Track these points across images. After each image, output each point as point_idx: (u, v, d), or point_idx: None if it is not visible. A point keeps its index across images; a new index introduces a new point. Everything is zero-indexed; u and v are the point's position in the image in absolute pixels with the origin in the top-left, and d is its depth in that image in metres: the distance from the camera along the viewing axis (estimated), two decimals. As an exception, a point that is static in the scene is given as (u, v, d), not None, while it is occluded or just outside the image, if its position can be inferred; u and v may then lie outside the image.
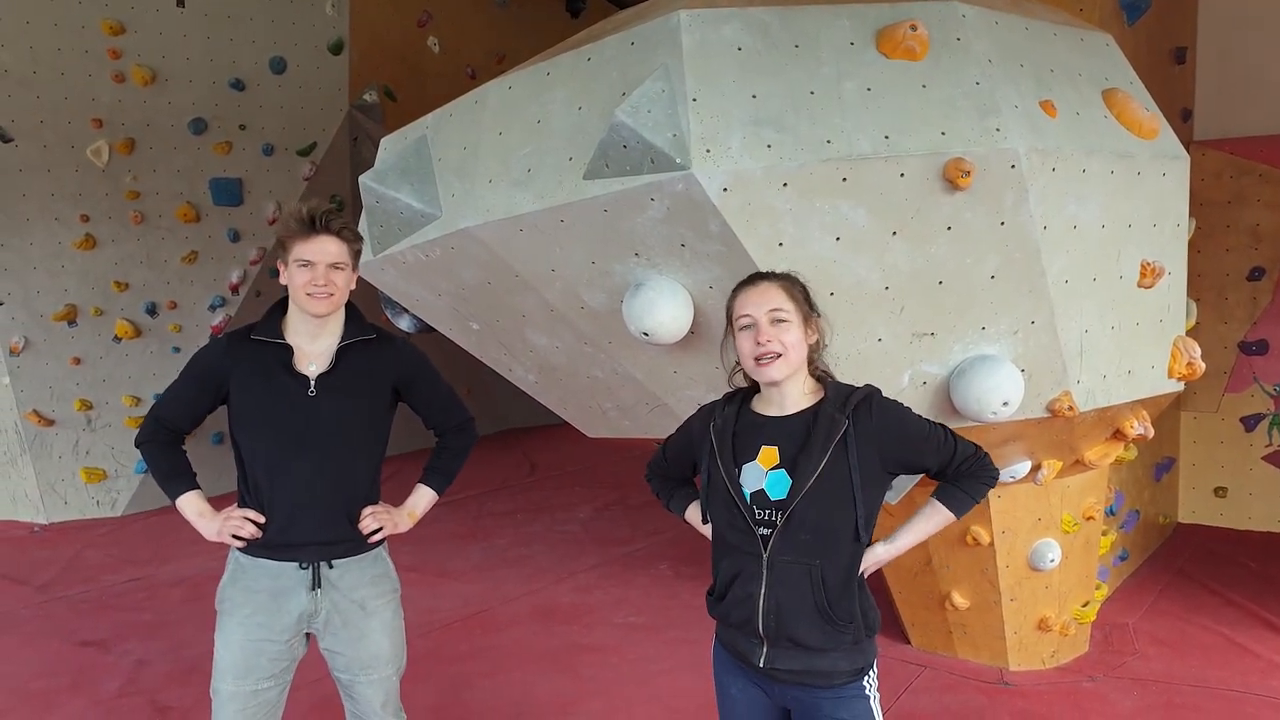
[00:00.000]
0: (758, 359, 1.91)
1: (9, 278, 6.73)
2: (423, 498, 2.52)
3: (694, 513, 2.19)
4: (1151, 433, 3.57)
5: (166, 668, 4.20)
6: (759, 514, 1.90)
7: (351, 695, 2.45)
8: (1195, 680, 3.83)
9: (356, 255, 2.35)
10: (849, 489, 1.87)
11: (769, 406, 1.99)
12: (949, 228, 2.84)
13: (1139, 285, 3.27)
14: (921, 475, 3.31)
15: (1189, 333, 3.59)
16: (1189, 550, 5.60)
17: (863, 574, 1.96)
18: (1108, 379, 3.26)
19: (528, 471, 8.66)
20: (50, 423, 6.94)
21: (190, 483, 2.39)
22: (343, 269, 2.30)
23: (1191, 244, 3.65)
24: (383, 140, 3.84)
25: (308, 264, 2.25)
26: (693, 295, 3.00)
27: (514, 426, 10.54)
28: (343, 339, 2.36)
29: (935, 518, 2.03)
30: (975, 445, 2.00)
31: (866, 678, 1.96)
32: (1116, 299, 3.21)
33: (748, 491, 1.92)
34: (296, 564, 2.32)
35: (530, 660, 4.22)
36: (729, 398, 2.06)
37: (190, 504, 2.37)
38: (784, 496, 1.87)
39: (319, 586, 2.33)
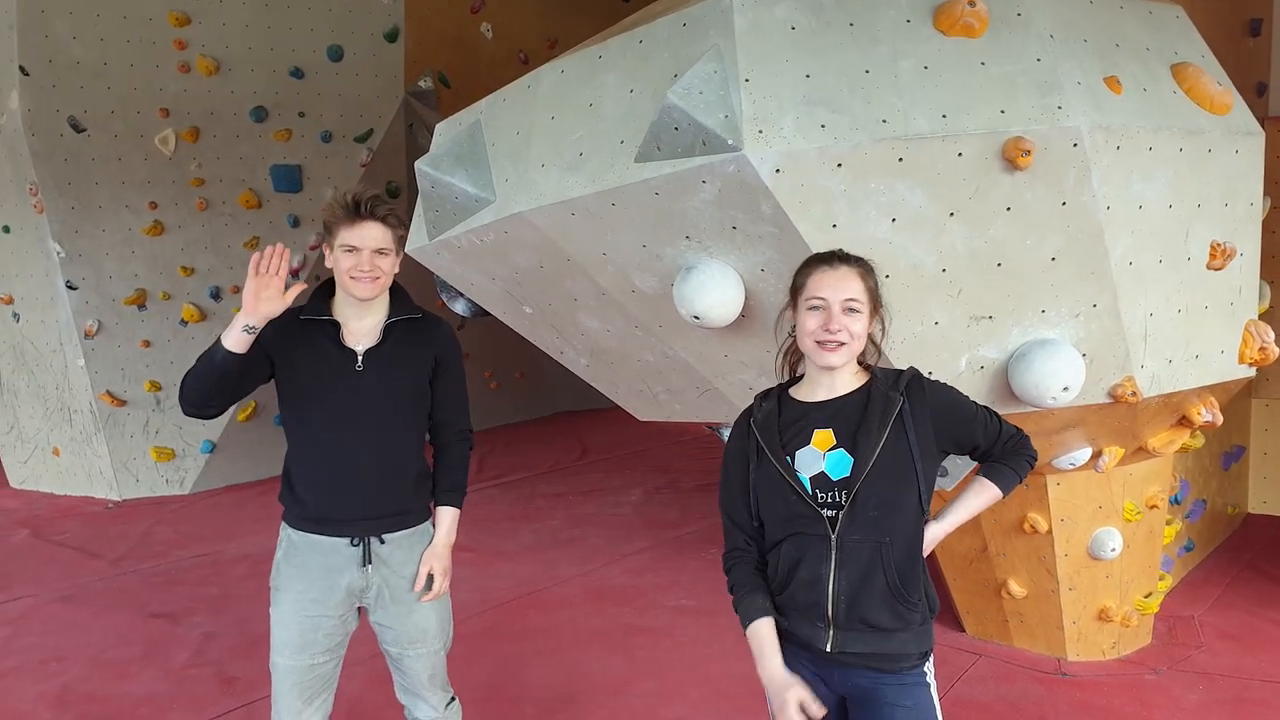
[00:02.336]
0: (821, 342, 1.89)
1: (83, 263, 6.96)
2: (450, 521, 2.51)
3: (768, 634, 1.93)
4: (1220, 420, 3.47)
5: (232, 640, 4.33)
6: (821, 496, 1.88)
7: (400, 668, 2.50)
8: (1265, 675, 3.72)
9: (401, 240, 2.38)
10: (910, 463, 1.88)
11: (815, 392, 1.96)
12: (1008, 208, 2.78)
13: (1208, 267, 3.16)
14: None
15: (1262, 316, 3.46)
16: (1259, 542, 5.43)
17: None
18: (1174, 364, 3.17)
19: (579, 454, 8.72)
20: (122, 403, 7.18)
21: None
22: (387, 254, 2.32)
23: (1266, 224, 3.52)
24: (437, 126, 3.88)
25: (353, 249, 2.28)
26: (744, 278, 2.98)
27: (565, 409, 10.63)
28: (389, 317, 2.40)
29: (984, 494, 2.05)
30: (1016, 426, 2.04)
31: (928, 663, 1.96)
32: (1184, 281, 3.12)
33: (806, 476, 1.89)
34: (347, 540, 2.36)
35: (583, 640, 4.26)
36: (764, 396, 2.04)
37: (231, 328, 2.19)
38: (847, 475, 1.86)
39: (370, 563, 2.37)
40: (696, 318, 2.99)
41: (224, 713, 3.64)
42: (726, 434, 4.03)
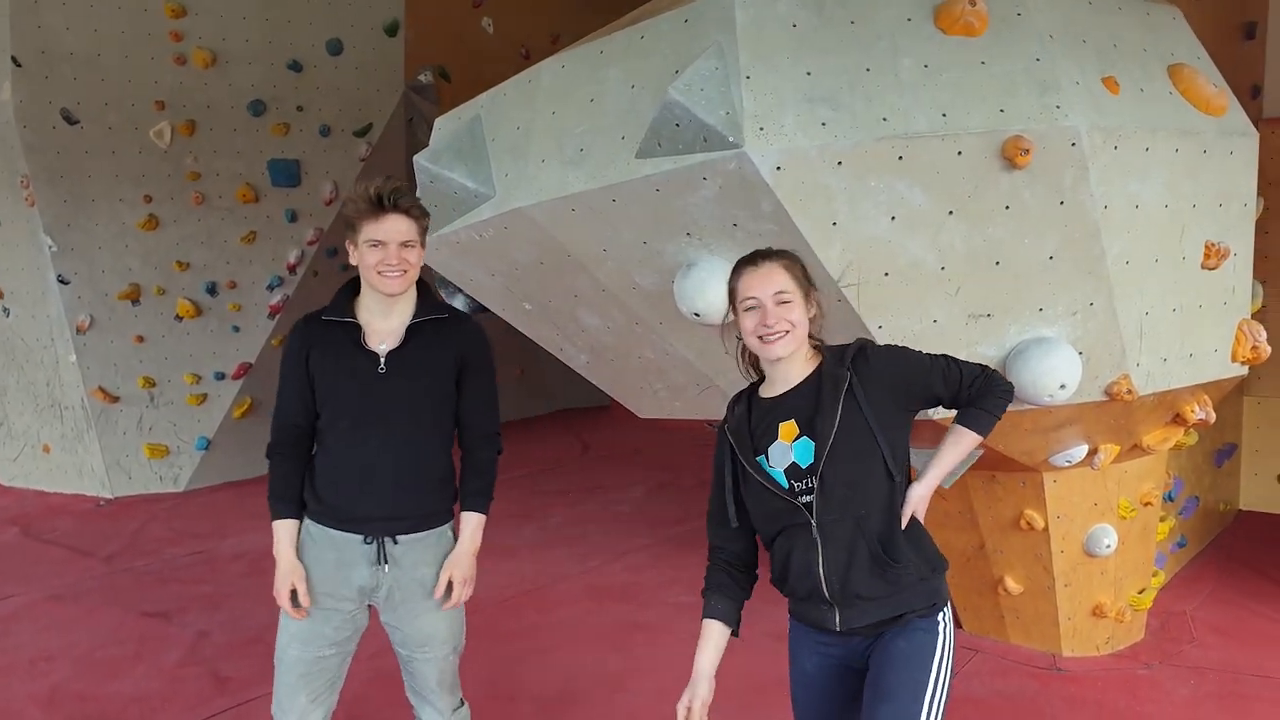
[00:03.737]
0: (763, 337, 1.96)
1: (75, 257, 6.91)
2: (474, 527, 2.45)
3: (713, 635, 2.10)
4: (1213, 418, 3.50)
5: (227, 639, 4.31)
6: (797, 486, 1.94)
7: (409, 670, 2.49)
8: (1255, 670, 3.75)
9: (425, 231, 2.35)
10: (869, 433, 1.92)
11: (775, 387, 2.03)
12: (1007, 207, 2.80)
13: (1203, 266, 3.19)
14: (973, 462, 3.28)
15: (1254, 316, 3.50)
16: (1250, 538, 5.47)
17: (915, 518, 1.98)
18: (1168, 362, 3.20)
19: (580, 451, 8.72)
20: (115, 399, 7.13)
21: (290, 511, 2.39)
22: (413, 246, 2.30)
23: (1259, 224, 3.56)
24: (437, 120, 3.88)
25: (379, 244, 2.25)
26: (745, 275, 2.99)
27: (566, 407, 10.61)
28: (414, 317, 2.37)
29: (961, 442, 2.04)
30: (981, 365, 2.03)
31: (941, 614, 1.98)
32: (1179, 280, 3.14)
33: (780, 470, 1.95)
34: (361, 538, 2.35)
35: (583, 638, 4.27)
36: (736, 400, 2.10)
37: (281, 532, 2.37)
38: (813, 460, 1.91)
39: (383, 562, 2.36)
40: (697, 314, 3.00)
41: (217, 713, 3.62)
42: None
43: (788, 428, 1.96)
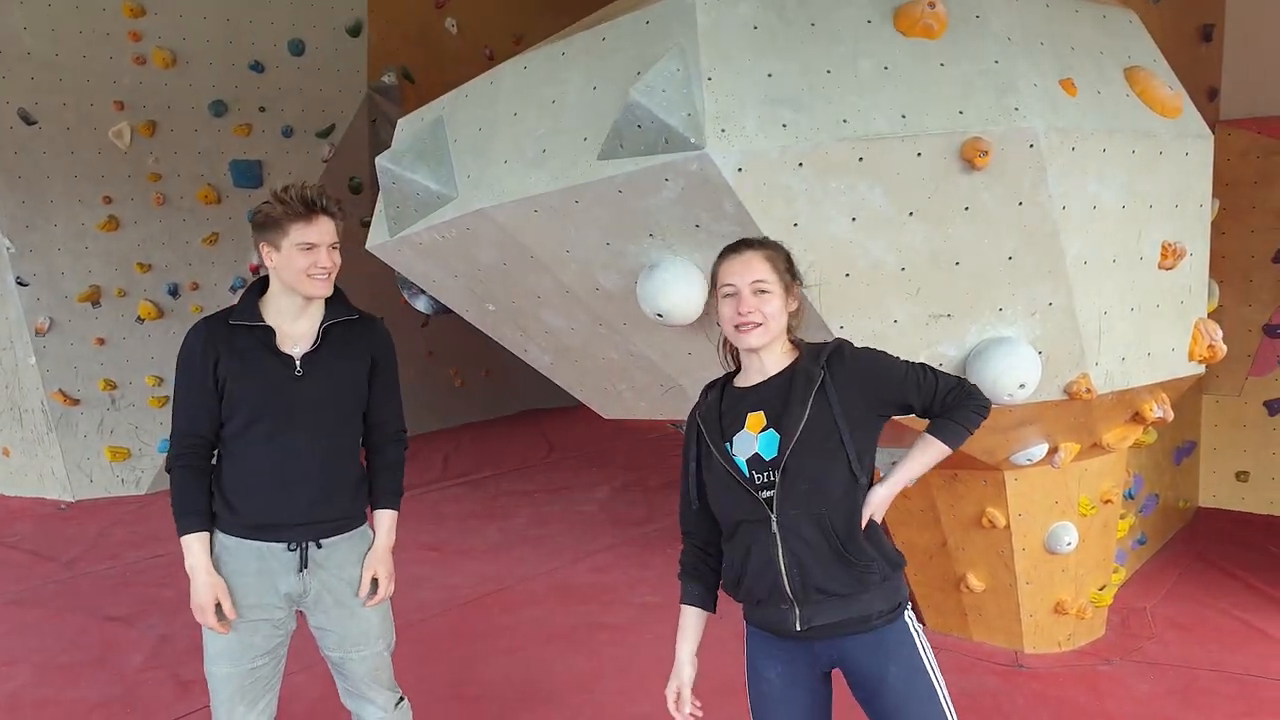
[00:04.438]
0: (738, 326, 1.95)
1: (34, 259, 6.81)
2: (388, 524, 2.46)
3: (690, 620, 2.12)
4: (1171, 416, 3.54)
5: (189, 643, 4.25)
6: (758, 479, 1.93)
7: (343, 672, 2.45)
8: (1213, 665, 3.81)
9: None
10: (835, 433, 1.91)
11: (749, 377, 2.02)
12: (966, 208, 2.82)
13: (1160, 266, 3.23)
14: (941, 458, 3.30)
15: (1211, 315, 3.55)
16: (1209, 535, 5.56)
17: (872, 519, 1.98)
18: (1127, 361, 3.24)
19: (545, 452, 8.70)
20: (75, 402, 7.04)
21: (202, 523, 2.32)
22: (337, 248, 2.30)
23: (1215, 225, 3.61)
24: (399, 121, 3.85)
25: (312, 246, 2.24)
26: (707, 276, 2.98)
27: (531, 407, 10.59)
28: (326, 319, 2.35)
29: (929, 451, 2.04)
30: (959, 377, 2.03)
31: (906, 614, 1.99)
32: (1136, 280, 3.18)
33: (743, 460, 1.95)
34: (284, 545, 2.30)
35: (547, 639, 4.25)
36: (709, 387, 2.10)
37: (196, 546, 2.30)
38: (777, 454, 1.91)
39: (306, 567, 2.32)
40: (660, 315, 3.00)
41: (180, 717, 3.58)
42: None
43: (755, 419, 1.96)
